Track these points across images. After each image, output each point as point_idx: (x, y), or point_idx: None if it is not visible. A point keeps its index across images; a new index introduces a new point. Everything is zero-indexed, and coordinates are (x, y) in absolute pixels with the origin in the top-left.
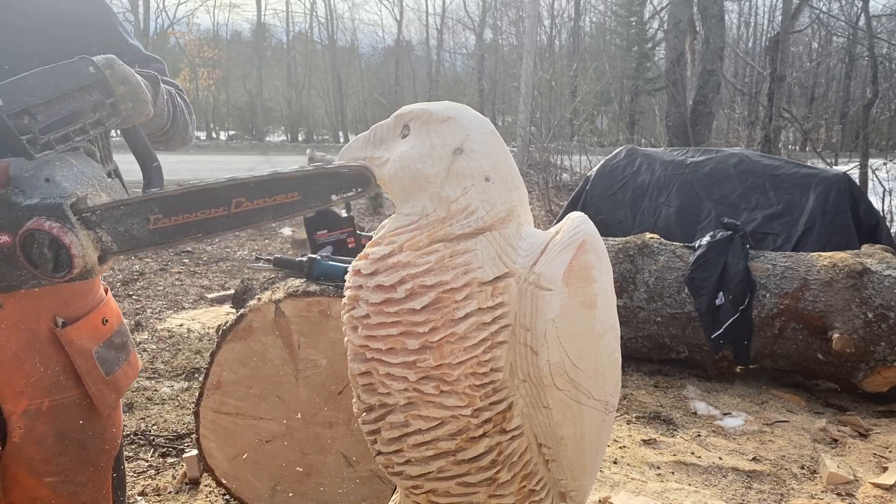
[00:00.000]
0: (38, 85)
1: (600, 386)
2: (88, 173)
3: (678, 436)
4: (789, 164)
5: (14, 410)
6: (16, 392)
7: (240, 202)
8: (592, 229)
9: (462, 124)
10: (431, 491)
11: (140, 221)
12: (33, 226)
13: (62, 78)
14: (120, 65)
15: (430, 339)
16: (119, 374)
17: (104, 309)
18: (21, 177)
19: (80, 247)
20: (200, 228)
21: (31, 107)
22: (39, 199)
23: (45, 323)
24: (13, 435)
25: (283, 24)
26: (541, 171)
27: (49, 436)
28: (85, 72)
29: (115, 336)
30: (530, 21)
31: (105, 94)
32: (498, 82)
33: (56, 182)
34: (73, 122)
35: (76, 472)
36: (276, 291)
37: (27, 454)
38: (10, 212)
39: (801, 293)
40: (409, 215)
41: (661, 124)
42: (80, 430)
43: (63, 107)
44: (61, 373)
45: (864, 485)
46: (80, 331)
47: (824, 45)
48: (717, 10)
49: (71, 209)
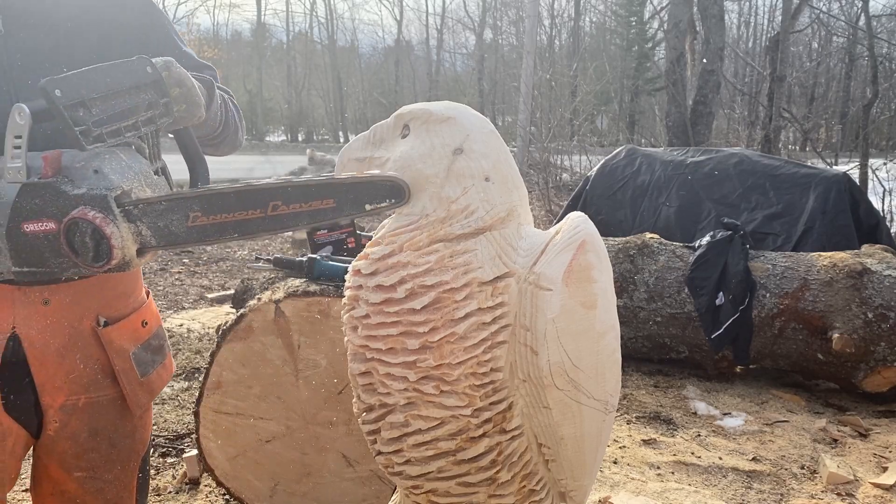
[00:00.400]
0: (97, 80)
1: (600, 386)
2: (136, 168)
3: (678, 436)
4: (789, 164)
5: (52, 404)
6: (55, 387)
7: (276, 205)
8: (592, 229)
9: (462, 124)
10: (431, 491)
11: (180, 218)
12: (78, 214)
13: (120, 75)
14: (177, 67)
15: (430, 339)
16: (153, 377)
17: (145, 311)
18: (72, 167)
19: (120, 238)
20: (237, 229)
21: (88, 100)
22: (86, 189)
23: (88, 322)
24: (48, 428)
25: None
26: (541, 171)
27: (82, 432)
28: (142, 71)
29: (152, 339)
30: (530, 21)
31: (160, 94)
32: (498, 82)
33: (104, 174)
34: (126, 118)
35: (104, 470)
36: (276, 291)
37: (60, 448)
38: (57, 200)
39: (801, 293)
40: (409, 215)
41: (661, 124)
42: (113, 428)
43: (118, 102)
44: (99, 371)
45: (864, 485)
46: (120, 331)
47: (824, 45)
48: (717, 10)
49: (115, 201)
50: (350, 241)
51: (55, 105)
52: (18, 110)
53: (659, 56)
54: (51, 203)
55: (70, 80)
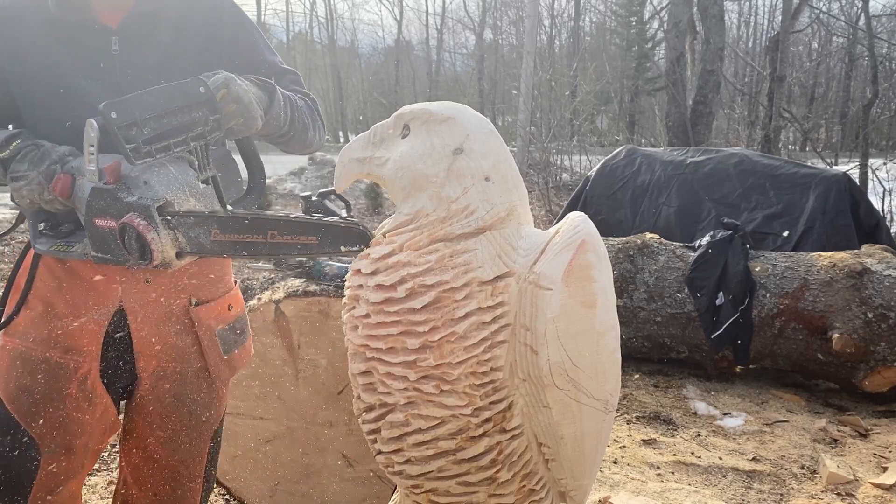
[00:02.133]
0: (151, 101)
1: (600, 385)
2: (182, 180)
3: (678, 436)
4: (789, 164)
5: (146, 368)
6: (150, 354)
7: (273, 234)
8: (592, 229)
9: (462, 124)
10: (431, 490)
11: (204, 232)
12: (127, 220)
13: (173, 96)
14: (236, 85)
15: (431, 339)
16: (235, 355)
17: (231, 298)
18: (129, 176)
19: (160, 243)
20: (245, 249)
21: (141, 120)
22: (137, 198)
23: (182, 301)
24: (141, 389)
25: (283, 24)
26: (541, 171)
27: (168, 396)
28: (195, 91)
29: (236, 322)
30: (530, 21)
31: (211, 112)
32: (498, 82)
33: (151, 185)
34: (176, 135)
35: (182, 434)
36: (276, 291)
37: (148, 408)
38: (115, 204)
39: (801, 293)
40: (409, 215)
41: (661, 124)
42: (194, 397)
43: (170, 121)
44: (189, 345)
45: (864, 485)
46: (208, 311)
47: (824, 45)
48: (717, 10)
49: (157, 211)
50: None
51: (111, 126)
52: (90, 125)
53: (659, 56)
54: (111, 206)
55: (126, 102)
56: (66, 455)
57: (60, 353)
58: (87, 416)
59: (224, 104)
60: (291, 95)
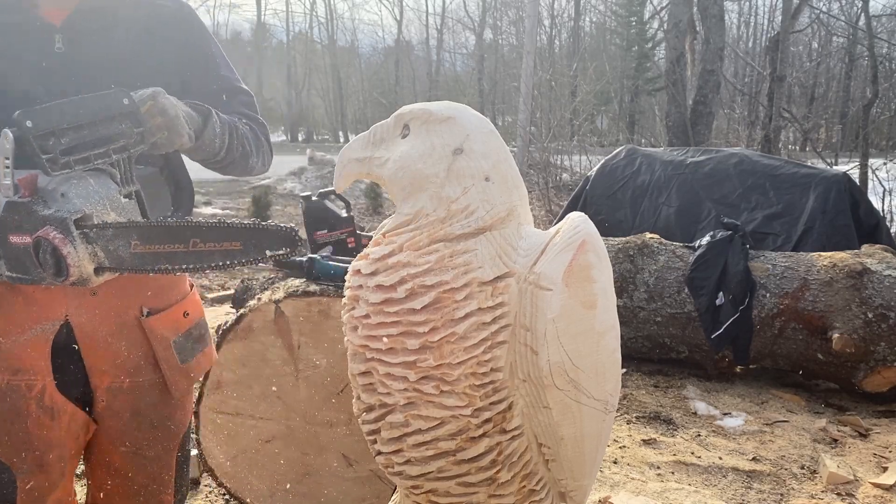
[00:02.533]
0: (70, 111)
1: (600, 386)
2: (102, 193)
3: (678, 436)
4: (789, 164)
5: (99, 385)
6: (102, 370)
7: (196, 242)
8: (592, 229)
9: (462, 124)
10: (431, 491)
11: (124, 244)
12: (42, 234)
13: (95, 106)
14: (163, 98)
15: (430, 339)
16: (193, 364)
17: (187, 303)
18: (45, 189)
19: (77, 258)
20: (167, 260)
21: (59, 129)
22: (53, 211)
23: (133, 311)
24: (97, 406)
25: (283, 24)
26: (541, 171)
27: (125, 411)
28: (118, 102)
29: (194, 328)
30: (530, 21)
31: (135, 124)
32: (498, 82)
33: (69, 198)
34: (97, 147)
35: (146, 447)
36: (276, 291)
37: (106, 425)
38: (30, 218)
39: (801, 293)
40: (409, 215)
41: (661, 124)
42: (153, 410)
43: (90, 132)
44: (143, 357)
45: (864, 485)
46: (161, 321)
47: (824, 45)
48: (717, 10)
49: (74, 224)
50: (350, 240)
51: (25, 135)
52: (4, 136)
53: (659, 56)
54: (26, 220)
55: (44, 111)
56: (40, 470)
57: (9, 375)
58: (53, 430)
59: (149, 116)
60: (233, 121)
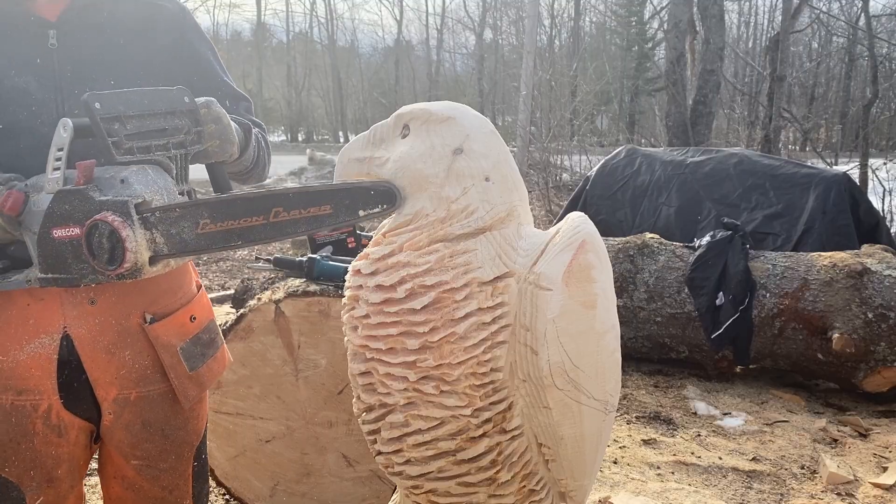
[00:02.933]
0: (136, 100)
1: (600, 386)
2: (160, 183)
3: (678, 436)
4: (789, 164)
5: (105, 397)
6: (107, 382)
7: (278, 212)
8: (592, 229)
9: (462, 124)
10: (431, 491)
11: (190, 225)
12: (99, 217)
13: (158, 99)
14: (217, 107)
15: (430, 339)
16: (203, 370)
17: (193, 306)
18: (102, 177)
19: (135, 243)
20: (241, 236)
21: (124, 116)
22: (112, 196)
23: (135, 319)
24: (105, 419)
25: (283, 24)
26: (541, 171)
27: (135, 424)
28: (180, 99)
29: (202, 333)
30: (530, 21)
31: (194, 123)
32: (498, 82)
33: (129, 183)
34: (158, 138)
35: (159, 459)
36: (276, 291)
37: (117, 438)
38: (84, 205)
39: (801, 293)
40: (409, 215)
41: (661, 124)
42: (165, 420)
43: (153, 122)
44: (149, 366)
45: (864, 485)
46: (166, 327)
47: (824, 45)
48: (717, 10)
49: (135, 208)
50: (350, 240)
51: (93, 116)
52: (63, 124)
53: (659, 56)
54: (78, 208)
55: (110, 96)
56: (49, 485)
57: (13, 395)
58: (62, 447)
59: (204, 122)
60: (259, 135)
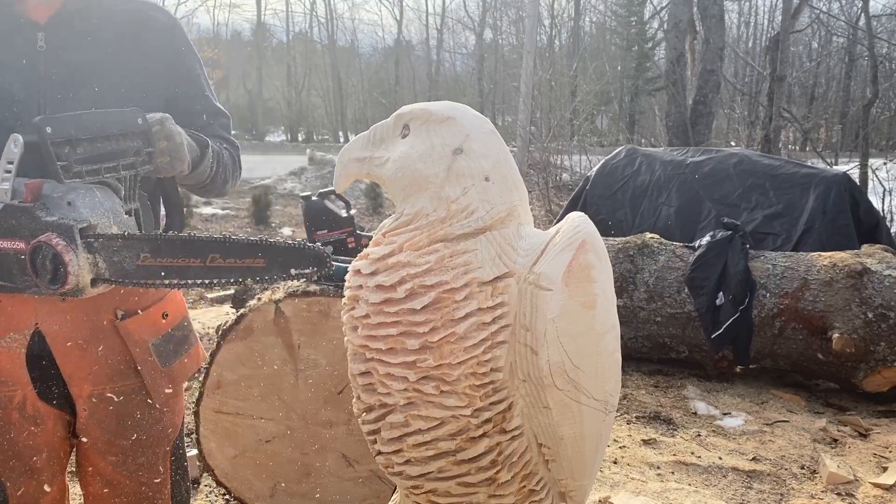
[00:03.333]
0: (88, 123)
1: (600, 386)
2: (107, 206)
3: (678, 436)
4: (789, 164)
5: (80, 394)
6: (81, 378)
7: (214, 258)
8: (592, 229)
9: (462, 124)
10: (431, 491)
11: (132, 256)
12: (44, 239)
13: (112, 121)
14: (171, 124)
15: (430, 339)
16: (176, 366)
17: (166, 304)
18: (50, 196)
19: (77, 266)
20: (179, 274)
21: (75, 140)
22: (57, 218)
23: (107, 315)
24: (80, 416)
25: (283, 24)
26: (541, 171)
27: (110, 420)
28: (133, 121)
29: (175, 330)
30: (530, 21)
31: (146, 144)
32: (498, 82)
33: (75, 206)
34: (108, 160)
35: (136, 455)
36: (276, 291)
37: (92, 434)
38: (31, 223)
39: (801, 293)
40: (409, 215)
41: (661, 124)
42: (139, 416)
43: (104, 146)
44: (122, 362)
45: (864, 485)
46: (138, 324)
47: (824, 45)
48: (717, 10)
49: (79, 233)
50: (350, 240)
51: (44, 140)
52: (14, 140)
53: (659, 56)
54: (24, 226)
55: (64, 119)
56: (30, 475)
57: None
58: (39, 436)
59: (156, 138)
60: (219, 149)
